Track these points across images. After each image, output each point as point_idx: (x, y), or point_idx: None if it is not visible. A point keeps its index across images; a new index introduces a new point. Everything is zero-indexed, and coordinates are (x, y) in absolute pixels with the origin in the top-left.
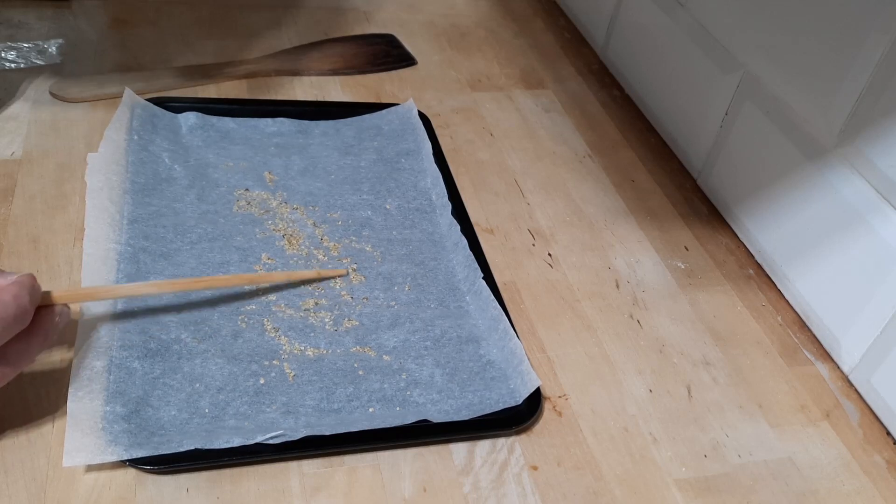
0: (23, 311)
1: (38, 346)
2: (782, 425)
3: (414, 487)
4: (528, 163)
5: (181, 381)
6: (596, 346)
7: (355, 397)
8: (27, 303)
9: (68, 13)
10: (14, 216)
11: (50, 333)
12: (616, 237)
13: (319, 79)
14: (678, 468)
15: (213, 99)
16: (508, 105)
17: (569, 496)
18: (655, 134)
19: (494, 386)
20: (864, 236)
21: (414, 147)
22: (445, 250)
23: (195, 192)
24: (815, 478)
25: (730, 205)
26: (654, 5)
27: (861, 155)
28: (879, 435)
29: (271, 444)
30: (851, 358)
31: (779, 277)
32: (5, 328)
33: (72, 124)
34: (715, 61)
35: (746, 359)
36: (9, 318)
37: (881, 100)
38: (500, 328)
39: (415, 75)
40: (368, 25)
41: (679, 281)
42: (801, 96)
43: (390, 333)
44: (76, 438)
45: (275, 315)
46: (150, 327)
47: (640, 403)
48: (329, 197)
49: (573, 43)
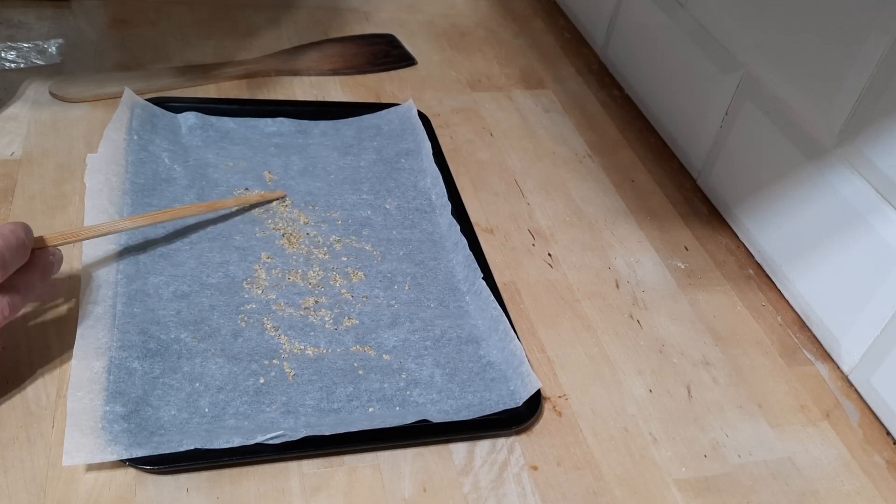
0: (21, 242)
1: (39, 281)
2: (782, 425)
3: (414, 487)
4: (528, 163)
5: (181, 380)
6: (596, 346)
7: (355, 397)
8: (23, 236)
9: (68, 13)
10: (14, 216)
11: (48, 270)
12: (616, 237)
13: (319, 79)
14: (678, 468)
15: (212, 99)
16: (508, 105)
17: (569, 496)
18: (655, 134)
19: (494, 387)
20: (864, 236)
21: (414, 147)
22: (445, 250)
23: (195, 192)
24: (815, 478)
25: (730, 205)
26: (654, 5)
27: (861, 155)
28: (879, 435)
29: (271, 444)
30: (851, 358)
31: (779, 277)
32: (10, 257)
33: (72, 124)
34: (715, 61)
35: (746, 359)
36: (11, 247)
37: (881, 100)
38: (501, 329)
39: (415, 75)
40: (368, 25)
41: (679, 281)
42: (801, 96)
43: (390, 333)
44: (76, 438)
45: (274, 314)
46: (149, 327)
47: (640, 403)
48: (329, 196)
49: (573, 43)
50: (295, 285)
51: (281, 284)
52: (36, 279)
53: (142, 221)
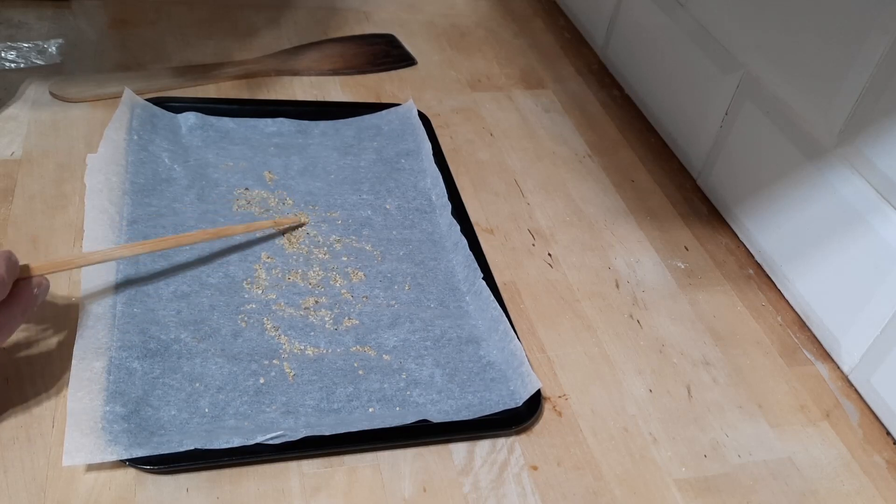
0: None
1: (19, 318)
2: (782, 425)
3: (414, 487)
4: (528, 163)
5: (181, 380)
6: (596, 346)
7: (355, 397)
8: (4, 273)
9: (68, 13)
10: (14, 216)
11: (29, 305)
12: (616, 237)
13: (319, 79)
14: (678, 468)
15: (212, 99)
16: (508, 105)
17: (569, 496)
18: (655, 134)
19: (494, 387)
20: (864, 236)
21: (414, 147)
22: (445, 250)
23: (195, 192)
24: (815, 478)
25: (730, 205)
26: (654, 5)
27: (861, 155)
28: (879, 435)
29: (271, 444)
30: (851, 358)
31: (779, 277)
32: None
33: (72, 124)
34: (715, 61)
35: (746, 359)
36: None
37: (881, 100)
38: (501, 329)
39: (415, 75)
40: (368, 25)
41: (679, 281)
42: (801, 96)
43: (390, 333)
44: (76, 438)
45: (275, 314)
46: (149, 327)
47: (640, 403)
48: (329, 196)
49: (573, 43)
50: (295, 285)
51: (281, 284)
52: (17, 313)
53: (140, 249)
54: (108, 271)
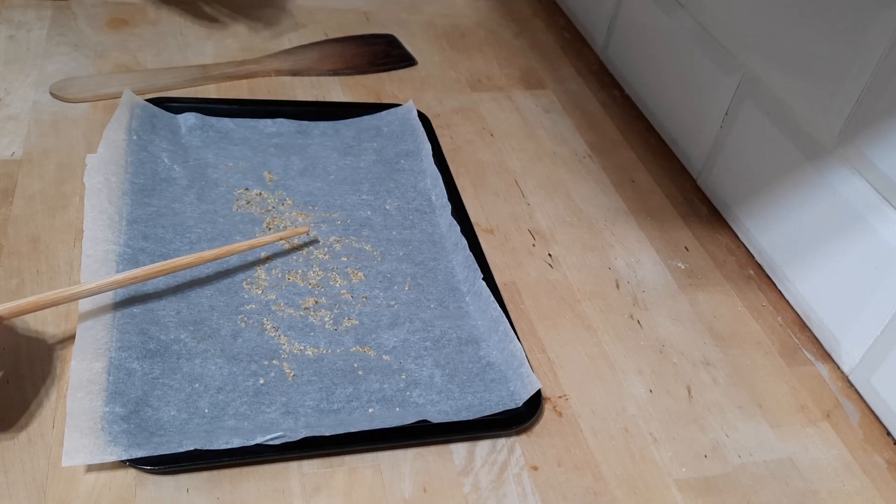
0: None
1: None
2: (782, 426)
3: (414, 488)
4: (528, 163)
5: (180, 381)
6: (596, 347)
7: (355, 397)
8: None
9: (68, 13)
10: (14, 216)
11: None
12: (616, 237)
13: (319, 79)
14: (678, 468)
15: (212, 99)
16: (508, 105)
17: (569, 496)
18: (655, 134)
19: (494, 388)
20: (864, 236)
21: (413, 148)
22: (445, 251)
23: (194, 192)
24: (816, 478)
25: (730, 205)
26: (654, 5)
27: (861, 155)
28: (879, 435)
29: (271, 444)
30: (851, 358)
31: (779, 278)
32: None
33: (72, 124)
34: (715, 61)
35: (746, 359)
36: None
37: (881, 100)
38: (501, 330)
39: (415, 75)
40: (368, 25)
41: (679, 281)
42: (801, 96)
43: (390, 333)
44: (76, 439)
45: (274, 314)
46: (149, 328)
47: (640, 403)
48: (328, 197)
49: (573, 43)
50: (295, 285)
51: (281, 284)
52: None
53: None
54: (108, 272)
